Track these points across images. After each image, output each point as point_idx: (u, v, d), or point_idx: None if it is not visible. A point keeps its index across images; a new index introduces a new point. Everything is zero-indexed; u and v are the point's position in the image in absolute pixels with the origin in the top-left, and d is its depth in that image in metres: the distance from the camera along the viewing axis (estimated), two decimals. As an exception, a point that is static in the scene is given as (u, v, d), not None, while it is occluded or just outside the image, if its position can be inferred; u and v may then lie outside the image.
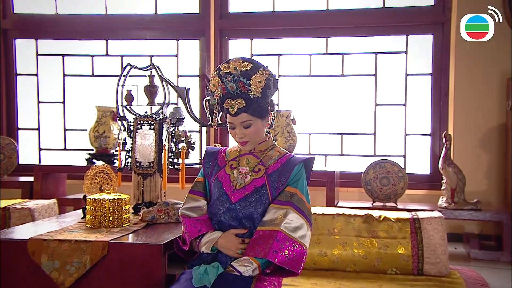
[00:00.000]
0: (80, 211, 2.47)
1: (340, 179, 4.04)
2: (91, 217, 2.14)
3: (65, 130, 4.83)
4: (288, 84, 4.50)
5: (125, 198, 2.21)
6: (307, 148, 4.43)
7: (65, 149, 4.83)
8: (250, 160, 1.81)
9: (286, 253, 1.61)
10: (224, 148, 1.93)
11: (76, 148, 4.76)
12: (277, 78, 1.77)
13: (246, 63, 1.71)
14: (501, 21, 3.25)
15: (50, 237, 1.92)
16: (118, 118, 2.72)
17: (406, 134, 4.28)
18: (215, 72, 1.77)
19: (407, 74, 4.27)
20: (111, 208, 2.13)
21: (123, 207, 2.19)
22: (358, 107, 4.38)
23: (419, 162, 4.26)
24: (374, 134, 4.32)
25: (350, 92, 4.40)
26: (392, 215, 2.79)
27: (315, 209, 2.88)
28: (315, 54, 4.44)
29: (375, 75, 4.32)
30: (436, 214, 2.77)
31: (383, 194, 3.77)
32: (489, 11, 3.40)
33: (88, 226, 2.14)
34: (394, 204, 3.73)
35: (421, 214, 2.78)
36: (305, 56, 4.46)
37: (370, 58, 4.34)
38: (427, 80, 4.24)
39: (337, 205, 3.61)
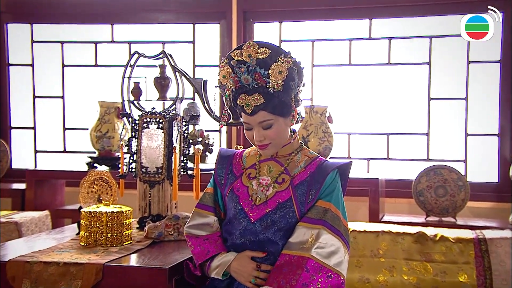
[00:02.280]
0: (76, 225, 2.46)
1: (386, 188, 3.98)
2: (85, 234, 2.12)
3: (64, 129, 4.85)
4: (324, 75, 4.46)
5: (126, 211, 2.20)
6: (346, 151, 4.38)
7: (64, 151, 4.86)
8: (272, 167, 1.76)
9: (318, 286, 1.55)
10: (241, 150, 1.88)
11: (77, 150, 4.77)
12: (302, 66, 1.70)
13: (263, 49, 1.65)
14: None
15: (34, 258, 1.89)
16: (120, 115, 2.69)
17: (467, 134, 4.19)
18: (225, 61, 1.71)
19: (468, 62, 4.15)
20: (109, 222, 2.12)
21: (124, 221, 2.18)
22: (408, 102, 4.33)
23: (484, 168, 4.15)
24: (427, 134, 4.25)
25: (399, 84, 4.34)
26: (450, 233, 2.74)
27: (355, 225, 2.86)
28: (356, 39, 4.39)
29: (429, 63, 4.23)
30: (508, 233, 2.70)
31: (439, 207, 3.69)
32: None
33: (82, 244, 2.13)
34: (453, 220, 3.65)
35: (488, 233, 2.72)
36: (344, 41, 4.41)
37: (423, 43, 4.25)
38: (495, 68, 4.11)
39: (382, 220, 3.56)
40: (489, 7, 3.39)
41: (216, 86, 1.79)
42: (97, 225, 2.09)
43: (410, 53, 4.28)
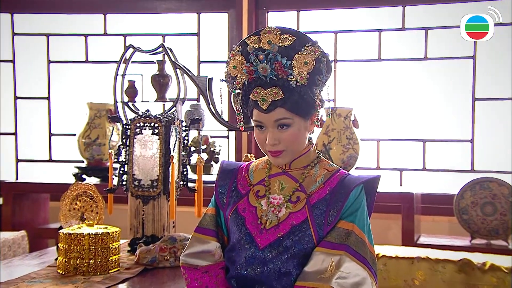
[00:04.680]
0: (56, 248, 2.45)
1: (422, 204, 3.93)
2: (64, 260, 2.10)
3: (50, 135, 4.85)
4: (349, 71, 4.44)
5: (113, 232, 2.18)
6: (374, 160, 4.34)
7: (50, 160, 4.86)
8: (284, 184, 1.69)
9: (340, 326, 1.50)
10: (247, 163, 1.81)
11: (65, 159, 4.78)
12: (331, 59, 1.64)
13: (287, 35, 1.60)
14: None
15: (-2, 292, 1.85)
16: (109, 119, 2.67)
17: (519, 141, 4.11)
18: (238, 49, 1.66)
19: (517, 56, 4.10)
20: (92, 246, 2.10)
21: (111, 244, 2.16)
22: (448, 103, 4.28)
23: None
24: (471, 140, 4.18)
25: (437, 82, 4.30)
26: (503, 261, 2.65)
27: (385, 249, 2.82)
28: (387, 30, 4.36)
29: (473, 57, 4.16)
30: None
31: (487, 227, 3.62)
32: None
33: (60, 272, 2.10)
34: (504, 243, 3.57)
35: (550, 261, 2.65)
36: (372, 32, 4.39)
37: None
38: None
39: (418, 243, 3.53)
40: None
41: (222, 80, 1.73)
42: (78, 249, 2.07)
43: (450, 45, 4.22)
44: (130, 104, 3.04)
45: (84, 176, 3.96)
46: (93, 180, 3.94)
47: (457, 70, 4.23)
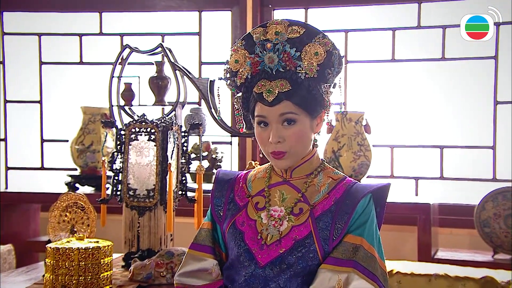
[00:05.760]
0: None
1: (440, 215, 3.92)
2: (51, 277, 2.08)
3: (42, 141, 4.85)
4: (360, 73, 4.44)
5: (105, 247, 2.17)
6: (388, 168, 4.33)
7: (42, 168, 4.86)
8: (285, 194, 1.67)
9: None
10: (244, 173, 1.80)
11: (59, 167, 4.77)
12: (342, 55, 1.66)
13: (296, 27, 1.63)
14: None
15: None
16: (102, 124, 2.70)
17: (544, 148, 4.10)
18: (240, 43, 1.67)
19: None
20: (82, 262, 2.09)
21: (102, 260, 2.15)
22: (467, 107, 4.26)
23: None
24: (493, 147, 4.15)
25: (455, 84, 4.28)
26: None
27: (399, 265, 2.80)
28: (401, 29, 4.35)
29: (495, 57, 4.14)
30: None
31: (511, 241, 3.58)
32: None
33: None
34: None
35: None
36: (386, 31, 4.38)
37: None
38: None
39: (435, 258, 3.51)
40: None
41: (221, 79, 1.72)
42: (66, 265, 2.05)
43: (469, 44, 4.15)
44: (126, 108, 3.07)
45: (77, 185, 3.96)
46: (86, 190, 3.94)
47: (477, 71, 4.22)
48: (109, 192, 2.68)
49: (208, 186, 2.97)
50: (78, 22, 4.80)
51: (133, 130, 2.59)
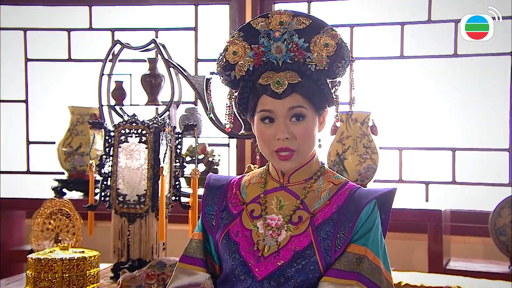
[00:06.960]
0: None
1: (452, 222, 3.91)
2: None
3: (28, 142, 4.86)
4: (366, 71, 4.44)
5: (91, 257, 2.18)
6: (396, 172, 4.33)
7: (28, 172, 4.87)
8: (283, 200, 1.66)
9: None
10: (238, 178, 1.79)
11: (46, 171, 4.78)
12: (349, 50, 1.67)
13: (301, 18, 1.64)
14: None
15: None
16: (89, 125, 2.75)
17: None
18: (238, 34, 1.66)
19: None
20: (66, 274, 2.09)
21: (88, 271, 2.15)
22: (481, 106, 4.26)
23: None
24: (509, 150, 4.15)
25: (468, 82, 4.29)
26: None
27: (407, 276, 2.80)
28: (410, 23, 4.37)
29: (511, 53, 4.13)
30: None
31: None
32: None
33: None
34: None
35: None
36: (394, 26, 4.40)
37: (502, 25, 4.03)
38: None
39: (448, 268, 3.52)
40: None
41: (213, 73, 1.69)
42: (49, 278, 2.05)
43: (486, 41, 4.03)
44: (117, 108, 3.07)
45: (64, 190, 3.96)
46: (75, 195, 3.95)
47: (492, 69, 4.22)
48: (97, 197, 2.67)
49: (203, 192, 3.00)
50: (66, 16, 4.82)
51: (123, 131, 2.58)
